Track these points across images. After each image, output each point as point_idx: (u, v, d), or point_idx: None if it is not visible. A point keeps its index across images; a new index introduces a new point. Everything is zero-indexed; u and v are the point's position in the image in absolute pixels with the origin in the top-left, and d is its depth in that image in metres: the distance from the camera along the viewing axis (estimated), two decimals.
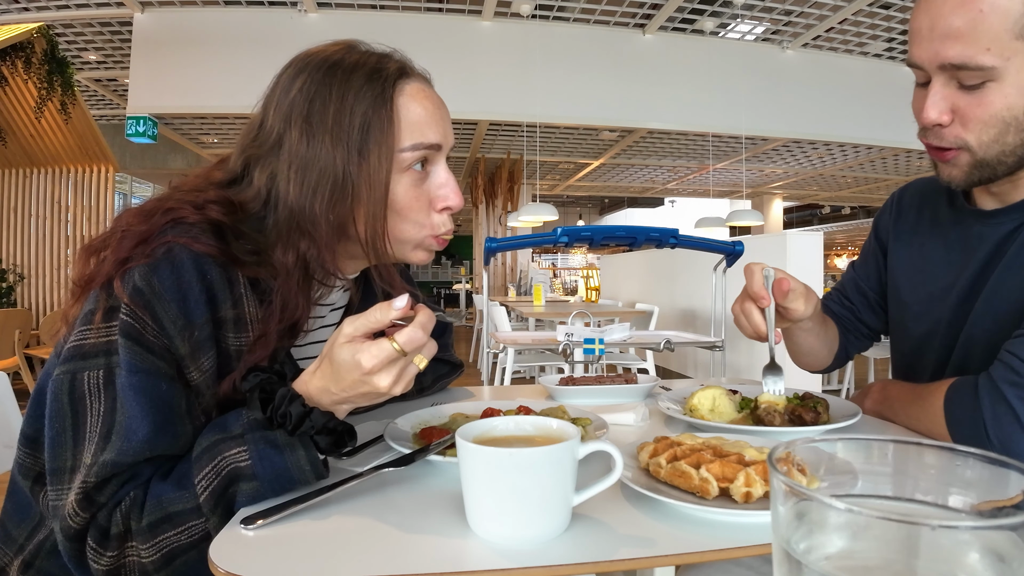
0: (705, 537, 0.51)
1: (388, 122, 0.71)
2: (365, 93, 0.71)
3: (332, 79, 0.71)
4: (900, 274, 1.03)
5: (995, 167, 0.78)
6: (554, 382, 1.08)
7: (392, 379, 0.60)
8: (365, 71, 0.72)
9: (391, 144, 0.71)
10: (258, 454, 0.58)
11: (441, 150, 0.76)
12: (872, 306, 1.11)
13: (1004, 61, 0.70)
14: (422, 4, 6.46)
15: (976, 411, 0.73)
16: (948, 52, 0.72)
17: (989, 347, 0.82)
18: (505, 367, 3.52)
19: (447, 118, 0.78)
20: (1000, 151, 0.76)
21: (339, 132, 0.70)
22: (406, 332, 0.59)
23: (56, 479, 0.61)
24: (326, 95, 0.71)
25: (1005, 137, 0.75)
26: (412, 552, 0.49)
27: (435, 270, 21.51)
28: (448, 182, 0.76)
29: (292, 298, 0.71)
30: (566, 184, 12.44)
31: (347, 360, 0.59)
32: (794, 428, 0.81)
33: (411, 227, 0.75)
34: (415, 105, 0.74)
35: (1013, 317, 0.80)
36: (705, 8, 6.50)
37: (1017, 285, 0.81)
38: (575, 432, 0.54)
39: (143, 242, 0.65)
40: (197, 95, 6.26)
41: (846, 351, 1.13)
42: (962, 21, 0.71)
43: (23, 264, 6.03)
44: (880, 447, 0.32)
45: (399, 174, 0.73)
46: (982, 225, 0.89)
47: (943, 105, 0.76)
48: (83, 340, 0.63)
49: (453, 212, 0.77)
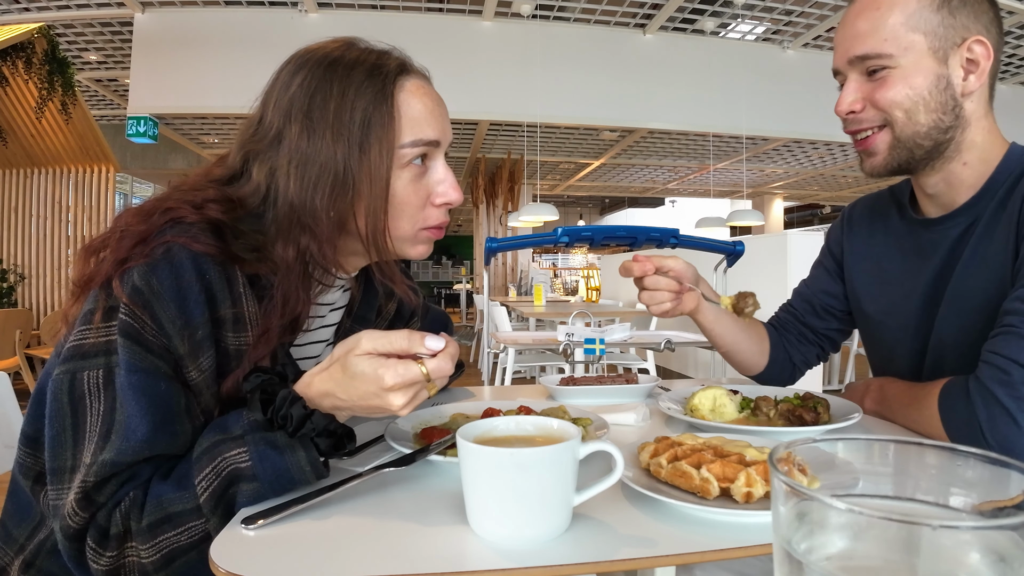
0: (706, 537, 0.51)
1: (389, 118, 0.72)
2: (366, 89, 0.71)
3: (333, 75, 0.72)
4: (859, 286, 1.07)
5: (912, 149, 0.86)
6: (555, 382, 1.08)
7: (406, 400, 0.60)
8: (366, 67, 0.73)
9: (392, 140, 0.72)
10: (258, 455, 0.58)
11: (440, 146, 0.77)
12: (817, 311, 1.15)
13: (902, 50, 0.82)
14: (422, 4, 6.45)
15: (971, 415, 0.73)
16: (855, 48, 0.85)
17: (960, 348, 0.86)
18: (506, 367, 3.52)
19: (446, 115, 0.79)
20: (914, 132, 0.85)
21: (340, 127, 0.70)
22: (436, 362, 0.60)
23: (56, 479, 0.61)
24: (327, 91, 0.71)
25: (916, 116, 0.84)
26: (413, 552, 0.49)
27: (436, 270, 21.51)
28: (447, 178, 0.77)
29: (293, 293, 0.71)
30: (566, 184, 12.44)
31: (367, 373, 0.59)
32: (795, 428, 0.81)
33: (407, 222, 0.76)
34: (415, 101, 0.74)
35: (979, 317, 0.83)
36: (705, 8, 6.49)
37: (978, 286, 0.84)
38: (576, 432, 0.54)
39: (142, 242, 0.65)
40: (197, 95, 6.26)
41: (787, 354, 1.16)
42: (865, 22, 0.84)
43: (24, 264, 6.03)
44: (881, 447, 0.32)
45: (399, 169, 0.73)
46: (931, 233, 0.93)
47: (855, 96, 0.87)
48: (83, 340, 0.63)
49: (452, 207, 0.78)
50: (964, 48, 0.83)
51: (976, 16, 0.83)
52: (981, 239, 0.85)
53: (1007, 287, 0.80)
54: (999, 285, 0.82)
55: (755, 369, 1.16)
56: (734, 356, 1.14)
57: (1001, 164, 0.87)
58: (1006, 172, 0.86)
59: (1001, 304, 0.78)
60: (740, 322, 1.11)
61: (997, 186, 0.86)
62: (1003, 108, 5.69)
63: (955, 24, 0.82)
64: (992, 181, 0.87)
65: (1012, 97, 8.03)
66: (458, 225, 20.18)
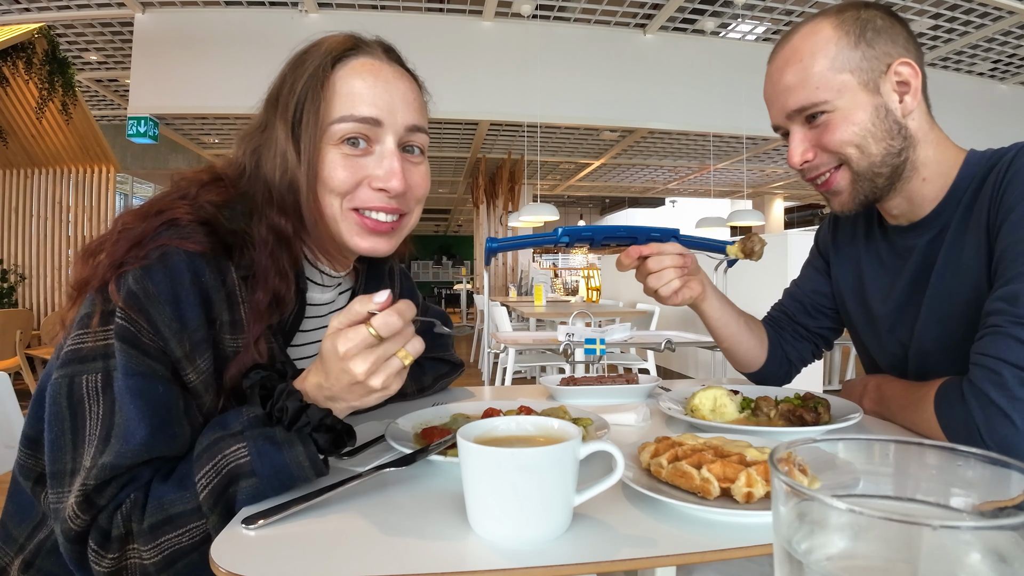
0: (706, 537, 0.51)
1: (320, 94, 0.73)
2: (307, 69, 0.74)
3: (295, 62, 0.76)
4: (844, 288, 1.10)
5: (873, 179, 0.89)
6: (555, 382, 1.08)
7: (368, 366, 0.59)
8: (318, 51, 0.75)
9: (322, 116, 0.73)
10: (257, 450, 0.59)
11: (382, 126, 0.74)
12: (808, 311, 1.17)
13: (835, 93, 0.85)
14: (423, 4, 6.46)
15: (968, 417, 0.73)
16: (790, 103, 0.88)
17: (943, 352, 0.88)
18: (506, 367, 3.52)
19: (398, 96, 0.76)
20: (870, 163, 0.87)
21: (284, 108, 0.74)
22: (380, 316, 0.59)
23: (56, 482, 0.61)
24: (286, 76, 0.76)
25: (868, 148, 0.86)
26: (413, 552, 0.49)
27: (436, 270, 21.53)
28: (388, 162, 0.74)
29: (270, 267, 0.72)
30: (567, 184, 12.43)
31: (329, 349, 0.60)
32: (795, 428, 0.81)
33: (334, 198, 0.75)
34: (355, 79, 0.74)
35: (960, 322, 0.85)
36: (706, 8, 6.49)
37: (955, 292, 0.86)
38: (576, 432, 0.54)
39: (137, 245, 0.65)
40: (198, 95, 6.26)
41: (784, 351, 1.17)
42: (792, 75, 0.87)
43: (24, 264, 6.03)
44: (881, 447, 0.32)
45: (331, 146, 0.74)
46: (903, 239, 0.95)
47: (803, 146, 0.90)
48: (80, 344, 0.63)
49: (390, 194, 0.76)
50: (891, 73, 0.86)
51: (893, 40, 0.86)
52: (952, 246, 0.87)
53: (984, 289, 0.81)
54: (975, 288, 0.83)
55: (754, 364, 1.16)
56: (735, 349, 1.14)
57: (961, 172, 0.89)
58: (967, 179, 0.88)
59: (980, 306, 0.79)
60: (743, 315, 1.12)
61: (960, 193, 0.88)
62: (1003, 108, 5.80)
63: (876, 54, 0.85)
64: (954, 189, 0.89)
65: (1012, 97, 8.04)
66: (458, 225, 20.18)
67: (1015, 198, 0.78)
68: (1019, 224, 0.77)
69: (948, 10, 6.28)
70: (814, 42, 0.86)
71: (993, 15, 6.32)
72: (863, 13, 0.86)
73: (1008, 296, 0.75)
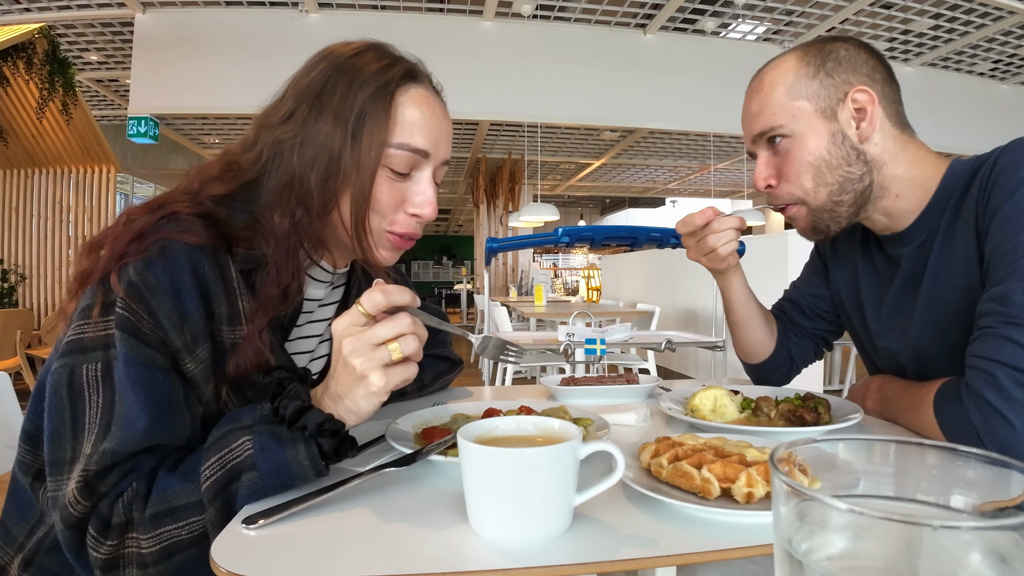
0: (707, 537, 0.51)
1: (384, 115, 0.74)
2: (370, 84, 0.74)
3: (347, 67, 0.76)
4: (841, 292, 1.11)
5: (834, 209, 0.92)
6: (555, 382, 1.08)
7: (352, 347, 0.61)
8: (379, 66, 0.76)
9: (382, 136, 0.74)
10: (261, 445, 0.59)
11: (429, 159, 0.78)
12: (805, 312, 1.18)
13: (791, 119, 0.89)
14: (423, 4, 6.46)
15: (966, 420, 0.73)
16: (753, 128, 0.94)
17: (940, 356, 0.89)
18: (506, 367, 3.52)
19: (444, 131, 0.80)
20: (828, 193, 0.90)
21: (340, 114, 0.74)
22: (366, 293, 0.62)
23: (55, 470, 0.62)
24: (338, 79, 0.75)
25: (824, 178, 0.90)
26: (413, 552, 0.49)
27: (436, 270, 21.54)
28: (426, 192, 0.78)
29: (286, 262, 0.74)
30: (567, 184, 12.44)
31: (334, 344, 0.63)
32: (795, 428, 0.81)
33: (377, 219, 0.78)
34: (413, 108, 0.76)
35: (954, 326, 0.86)
36: (706, 8, 6.49)
37: (948, 296, 0.87)
38: (577, 432, 0.54)
39: (138, 238, 0.67)
40: (198, 95, 6.27)
41: (788, 349, 1.17)
42: (755, 104, 0.93)
43: (24, 264, 6.03)
44: (882, 447, 0.32)
45: (383, 167, 0.75)
46: (892, 247, 0.97)
47: (766, 171, 0.94)
48: (81, 334, 0.64)
49: (422, 222, 0.80)
50: (848, 101, 0.88)
51: (854, 69, 0.89)
52: (942, 251, 0.88)
53: (977, 291, 0.81)
54: (968, 292, 0.83)
55: (761, 354, 1.16)
56: (747, 334, 1.15)
57: (943, 182, 0.89)
58: (950, 187, 0.88)
59: (974, 308, 0.80)
60: (758, 302, 1.15)
61: (944, 201, 0.88)
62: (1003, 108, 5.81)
63: (835, 83, 0.88)
64: (936, 198, 0.89)
65: (1012, 97, 8.04)
66: (459, 225, 20.18)
67: (1001, 198, 0.79)
68: (1006, 224, 0.77)
69: (948, 10, 6.28)
70: (776, 73, 0.91)
71: (993, 15, 6.32)
72: (828, 45, 0.91)
73: (998, 296, 0.75)
